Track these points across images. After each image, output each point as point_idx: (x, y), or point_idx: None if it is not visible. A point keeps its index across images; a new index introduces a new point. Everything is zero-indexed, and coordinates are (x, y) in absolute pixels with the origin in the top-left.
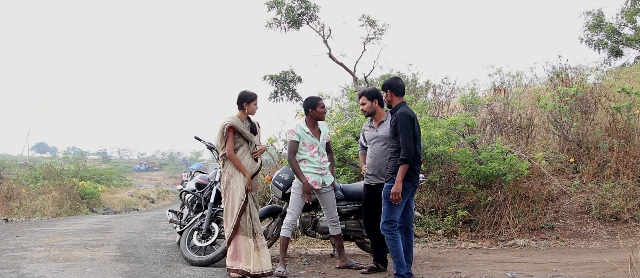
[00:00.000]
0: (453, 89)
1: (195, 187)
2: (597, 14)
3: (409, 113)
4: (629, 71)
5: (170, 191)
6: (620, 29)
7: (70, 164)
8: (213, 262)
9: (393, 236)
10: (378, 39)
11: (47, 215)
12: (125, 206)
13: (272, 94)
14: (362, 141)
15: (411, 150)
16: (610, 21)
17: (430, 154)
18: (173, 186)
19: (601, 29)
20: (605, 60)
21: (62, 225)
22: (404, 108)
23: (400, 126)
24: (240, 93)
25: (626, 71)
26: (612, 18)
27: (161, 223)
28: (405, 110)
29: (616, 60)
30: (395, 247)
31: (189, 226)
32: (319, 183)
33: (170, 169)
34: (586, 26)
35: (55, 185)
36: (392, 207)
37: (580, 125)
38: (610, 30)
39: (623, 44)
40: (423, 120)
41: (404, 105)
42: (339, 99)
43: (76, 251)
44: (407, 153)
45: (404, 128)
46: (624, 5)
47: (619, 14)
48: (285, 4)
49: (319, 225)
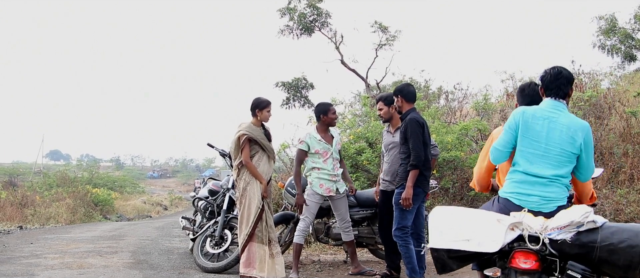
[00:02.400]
0: (465, 95)
1: (208, 194)
2: (610, 19)
3: (418, 119)
4: None
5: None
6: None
7: (84, 172)
8: (226, 269)
9: (406, 243)
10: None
11: (61, 222)
12: (138, 213)
13: (285, 101)
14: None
15: (421, 155)
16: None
17: (443, 159)
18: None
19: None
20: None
21: (76, 232)
22: (414, 113)
23: (410, 132)
24: (253, 100)
25: None
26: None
27: (174, 230)
28: (415, 116)
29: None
30: (408, 254)
31: (202, 233)
32: (332, 190)
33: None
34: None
35: (69, 192)
36: (404, 213)
37: (594, 130)
38: (624, 35)
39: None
40: (435, 126)
41: (413, 111)
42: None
43: (90, 258)
44: (417, 159)
45: (413, 134)
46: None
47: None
48: (297, 11)
49: (332, 232)
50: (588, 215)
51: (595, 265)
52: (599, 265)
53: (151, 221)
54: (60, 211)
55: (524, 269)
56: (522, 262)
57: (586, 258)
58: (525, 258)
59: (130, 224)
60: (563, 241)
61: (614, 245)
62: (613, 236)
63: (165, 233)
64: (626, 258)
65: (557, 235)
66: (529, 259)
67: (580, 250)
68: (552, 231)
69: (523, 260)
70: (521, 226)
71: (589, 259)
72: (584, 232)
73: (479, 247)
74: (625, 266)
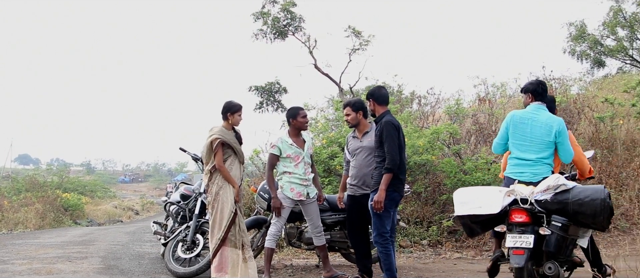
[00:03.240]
0: (438, 99)
1: (180, 198)
2: (580, 26)
3: (394, 122)
4: (611, 81)
5: (154, 202)
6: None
7: (54, 176)
8: (198, 274)
9: (386, 249)
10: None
11: (30, 228)
12: (109, 218)
13: (258, 105)
14: (346, 154)
15: (396, 159)
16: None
17: (414, 163)
18: (158, 197)
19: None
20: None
21: (45, 237)
22: (389, 116)
23: (386, 135)
24: (225, 104)
25: (608, 82)
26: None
27: (145, 235)
28: (390, 119)
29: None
30: (388, 260)
31: (174, 238)
32: (304, 194)
33: (155, 181)
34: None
35: (38, 197)
36: (382, 219)
37: None
38: (593, 42)
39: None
40: (408, 130)
41: (388, 114)
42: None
43: (59, 264)
44: (392, 162)
45: (389, 137)
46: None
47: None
48: (271, 15)
49: (304, 236)
50: (559, 180)
51: (571, 216)
52: (573, 216)
53: (122, 226)
54: (29, 216)
55: (518, 222)
56: (517, 217)
57: (564, 211)
58: (519, 215)
59: (101, 229)
60: (546, 200)
61: (582, 199)
62: (580, 194)
63: (137, 238)
64: (591, 209)
65: (541, 196)
66: (522, 215)
67: (558, 205)
68: (537, 194)
69: (517, 216)
70: (514, 193)
71: (566, 212)
72: (559, 193)
73: (487, 209)
74: (591, 214)
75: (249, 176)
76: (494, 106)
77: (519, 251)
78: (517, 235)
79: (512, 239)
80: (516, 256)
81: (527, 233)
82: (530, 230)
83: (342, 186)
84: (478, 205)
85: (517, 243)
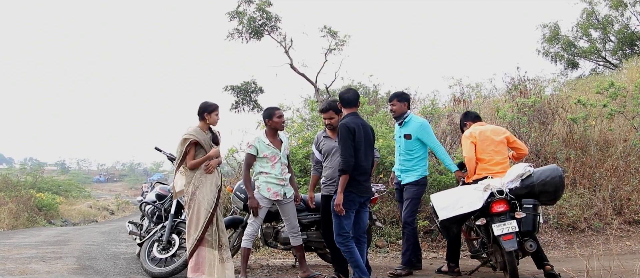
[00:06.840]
0: (414, 100)
1: (156, 198)
2: (554, 27)
3: (348, 124)
4: (585, 82)
5: (130, 202)
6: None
7: (27, 176)
8: (173, 274)
9: (348, 248)
10: (339, 49)
11: (3, 228)
12: (84, 217)
13: (234, 104)
14: (316, 153)
15: (349, 160)
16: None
17: (389, 163)
18: (133, 197)
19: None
20: (562, 72)
21: (19, 237)
22: (347, 118)
23: (339, 137)
24: (201, 104)
25: (582, 83)
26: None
27: (121, 235)
28: (346, 121)
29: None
30: (352, 257)
31: (149, 238)
32: (280, 194)
33: (130, 181)
34: (543, 39)
35: (12, 197)
36: (341, 220)
37: (539, 136)
38: (566, 43)
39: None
40: (383, 130)
41: (350, 116)
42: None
43: (33, 264)
44: (344, 163)
45: (342, 139)
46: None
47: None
48: (246, 15)
49: (281, 236)
50: (523, 167)
51: (538, 197)
52: (539, 197)
53: (97, 226)
54: (2, 216)
55: (500, 211)
56: (499, 207)
57: (532, 194)
58: (500, 205)
59: (76, 229)
60: (516, 187)
61: (544, 179)
62: (542, 175)
63: (112, 238)
64: (552, 186)
65: (511, 185)
66: (501, 204)
67: (526, 189)
68: (508, 183)
69: (499, 206)
70: (490, 187)
71: (534, 194)
72: (525, 179)
73: (469, 208)
74: (553, 191)
75: (224, 176)
76: (469, 106)
77: (508, 236)
78: (502, 223)
79: (499, 227)
80: (508, 241)
81: (507, 219)
82: (509, 217)
83: (311, 186)
84: (459, 205)
85: (505, 230)
